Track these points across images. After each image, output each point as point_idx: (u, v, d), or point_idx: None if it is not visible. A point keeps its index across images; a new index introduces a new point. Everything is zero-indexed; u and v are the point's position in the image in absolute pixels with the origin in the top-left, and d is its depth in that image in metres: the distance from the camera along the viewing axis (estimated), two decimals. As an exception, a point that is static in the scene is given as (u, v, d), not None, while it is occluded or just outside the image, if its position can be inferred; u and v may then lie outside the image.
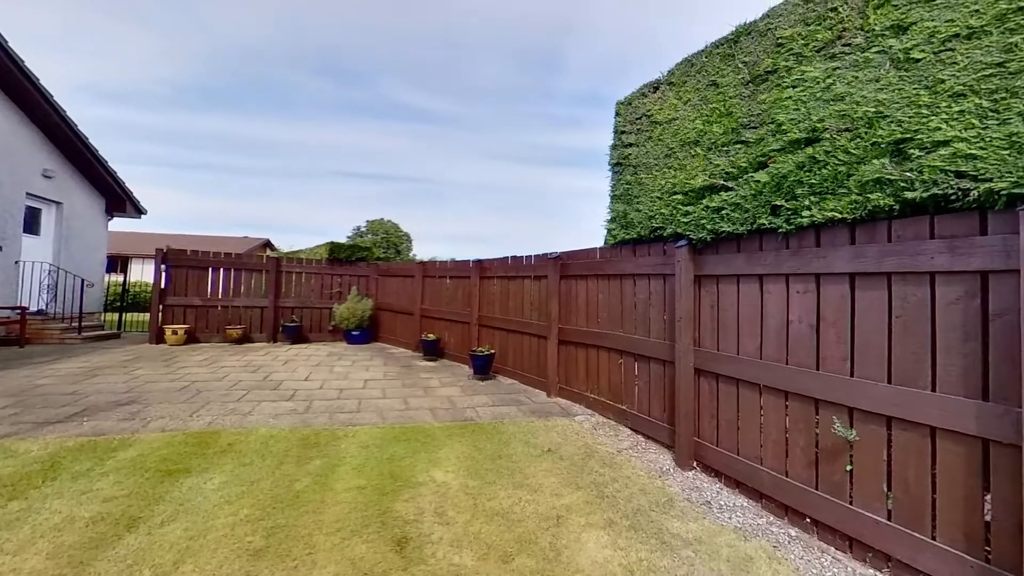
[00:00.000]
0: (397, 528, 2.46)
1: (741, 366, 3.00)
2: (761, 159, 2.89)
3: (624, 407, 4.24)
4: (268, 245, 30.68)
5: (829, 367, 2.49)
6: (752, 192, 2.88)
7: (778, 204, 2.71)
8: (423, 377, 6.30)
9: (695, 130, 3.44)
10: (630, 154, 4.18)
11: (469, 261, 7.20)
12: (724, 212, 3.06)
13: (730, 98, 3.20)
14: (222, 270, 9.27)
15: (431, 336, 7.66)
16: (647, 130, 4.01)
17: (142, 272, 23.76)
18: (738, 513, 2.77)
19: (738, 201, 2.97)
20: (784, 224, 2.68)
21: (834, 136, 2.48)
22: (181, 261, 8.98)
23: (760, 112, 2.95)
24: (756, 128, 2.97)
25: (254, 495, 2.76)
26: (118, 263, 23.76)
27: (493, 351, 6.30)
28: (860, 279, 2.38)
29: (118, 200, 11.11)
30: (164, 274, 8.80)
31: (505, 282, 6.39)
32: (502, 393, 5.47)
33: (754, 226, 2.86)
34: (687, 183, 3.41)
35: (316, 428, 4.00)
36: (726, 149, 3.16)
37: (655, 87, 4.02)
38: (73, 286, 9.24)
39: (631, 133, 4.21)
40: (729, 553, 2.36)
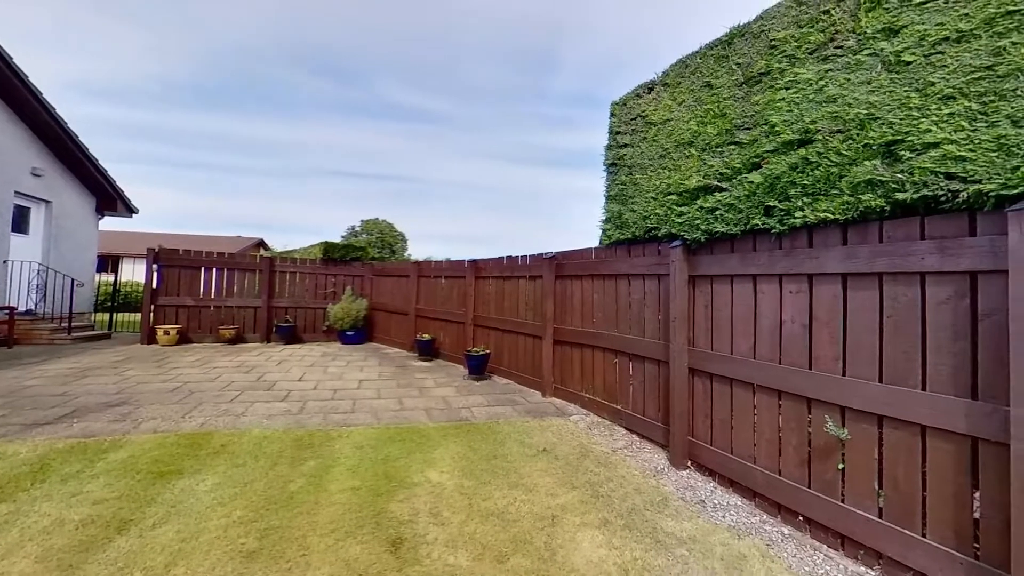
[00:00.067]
0: (392, 529, 2.45)
1: (735, 366, 3.02)
2: (755, 160, 2.91)
3: (619, 407, 4.25)
4: (261, 244, 30.47)
5: (822, 366, 2.52)
6: (746, 193, 2.90)
7: (771, 205, 2.74)
8: (418, 377, 6.29)
9: (689, 131, 3.45)
10: (625, 154, 4.19)
11: (464, 261, 7.20)
12: (718, 213, 3.08)
13: (724, 99, 3.21)
14: (215, 270, 9.20)
15: (426, 336, 7.65)
16: (642, 131, 4.02)
17: (133, 272, 23.48)
18: (732, 512, 2.79)
19: (732, 202, 2.99)
20: (777, 225, 2.71)
21: (826, 137, 2.50)
22: (173, 261, 8.90)
23: (754, 113, 2.97)
24: (750, 129, 2.99)
25: (247, 496, 2.74)
26: (109, 263, 23.50)
27: (488, 351, 6.29)
28: (852, 279, 2.41)
29: (109, 199, 10.99)
30: (156, 274, 8.72)
31: (500, 282, 6.39)
32: (497, 393, 5.47)
33: (748, 227, 2.89)
34: (681, 183, 3.42)
35: (310, 429, 3.98)
36: (720, 150, 3.18)
37: (650, 88, 4.03)
38: (63, 286, 9.13)
39: (626, 134, 4.23)
40: (723, 551, 2.37)
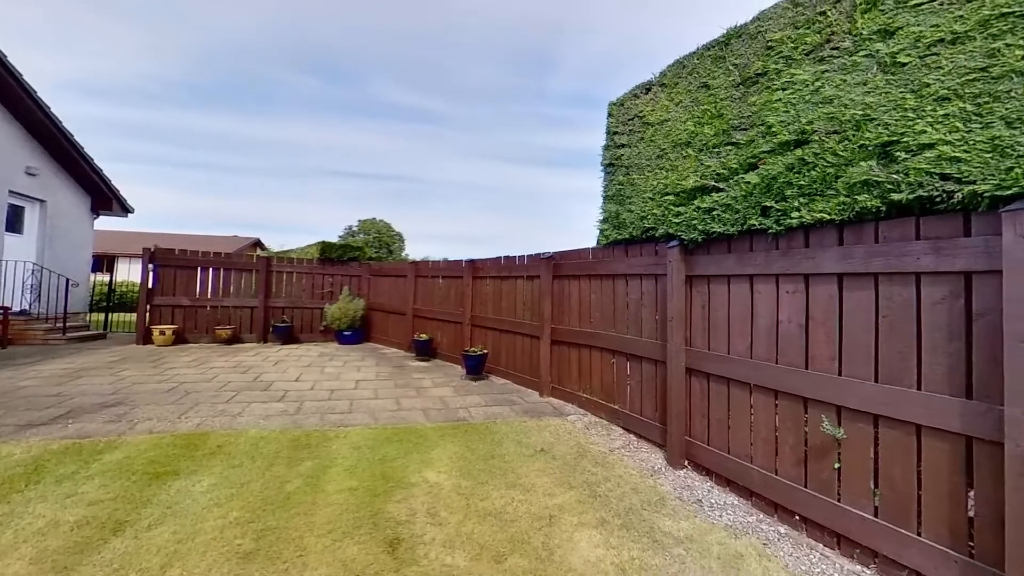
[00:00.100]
0: (389, 529, 2.45)
1: (732, 365, 3.03)
2: (751, 161, 2.92)
3: (616, 406, 4.26)
4: (258, 244, 30.38)
5: (818, 366, 2.53)
6: (743, 193, 2.91)
7: (768, 205, 2.75)
8: (415, 377, 6.28)
9: (687, 131, 3.46)
10: (622, 155, 4.20)
11: (462, 261, 7.19)
12: (715, 213, 3.09)
13: (721, 100, 3.22)
14: (211, 270, 9.16)
15: (424, 336, 7.64)
16: (639, 131, 4.03)
17: (129, 272, 23.37)
18: (728, 511, 2.80)
19: (729, 202, 3.00)
20: (774, 225, 2.72)
21: (823, 138, 2.51)
22: (169, 260, 8.85)
23: (750, 114, 2.98)
24: (746, 130, 3.00)
25: (244, 497, 2.73)
26: (104, 262, 23.37)
27: (486, 351, 6.29)
28: (848, 279, 2.42)
29: (104, 198, 10.92)
30: (152, 274, 8.67)
31: (498, 282, 6.38)
32: (495, 393, 5.47)
33: (744, 227, 2.89)
34: (679, 184, 3.43)
35: (307, 429, 3.96)
36: (717, 150, 3.18)
37: (647, 88, 4.04)
38: (57, 286, 9.06)
39: (623, 134, 4.23)
40: (720, 551, 2.38)
